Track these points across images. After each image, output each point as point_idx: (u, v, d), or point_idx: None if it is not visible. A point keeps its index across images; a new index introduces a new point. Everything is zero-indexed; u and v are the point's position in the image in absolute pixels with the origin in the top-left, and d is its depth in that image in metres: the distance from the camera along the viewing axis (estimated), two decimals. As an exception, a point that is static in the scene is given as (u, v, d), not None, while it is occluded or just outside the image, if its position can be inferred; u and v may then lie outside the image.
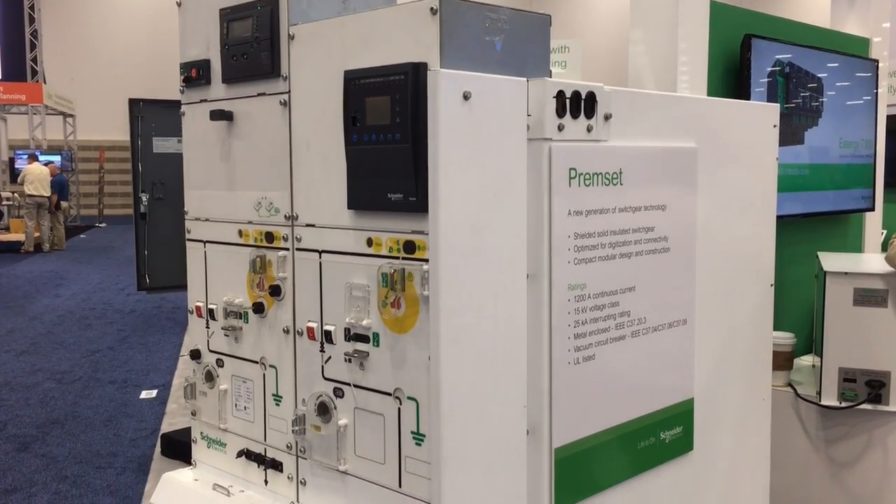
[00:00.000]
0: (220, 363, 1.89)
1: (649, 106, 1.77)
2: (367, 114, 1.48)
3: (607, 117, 1.64)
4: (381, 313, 1.53)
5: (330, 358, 1.64)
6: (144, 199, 5.04)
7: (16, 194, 17.51)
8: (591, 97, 1.60)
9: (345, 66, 1.52)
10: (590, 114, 1.60)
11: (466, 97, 1.40)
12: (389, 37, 1.48)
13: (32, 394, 6.55)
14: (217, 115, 1.79)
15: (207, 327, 1.92)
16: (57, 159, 18.60)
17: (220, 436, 1.91)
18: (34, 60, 21.01)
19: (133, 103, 4.73)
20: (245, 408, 1.84)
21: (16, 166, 18.35)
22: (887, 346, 2.40)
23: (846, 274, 2.42)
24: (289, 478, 1.75)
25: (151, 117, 4.83)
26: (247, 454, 1.83)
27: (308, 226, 1.66)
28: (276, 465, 1.77)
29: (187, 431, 2.01)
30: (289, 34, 1.66)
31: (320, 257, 1.64)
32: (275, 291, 1.72)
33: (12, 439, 5.51)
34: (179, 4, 1.89)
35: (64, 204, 17.33)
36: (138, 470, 4.92)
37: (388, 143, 1.46)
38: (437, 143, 1.37)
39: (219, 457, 1.92)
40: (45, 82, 20.53)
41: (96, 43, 23.47)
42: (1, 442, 5.46)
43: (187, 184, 1.94)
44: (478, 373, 1.46)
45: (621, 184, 1.67)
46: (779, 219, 2.21)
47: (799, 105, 2.92)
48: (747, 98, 2.74)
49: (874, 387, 2.41)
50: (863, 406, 2.43)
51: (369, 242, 1.54)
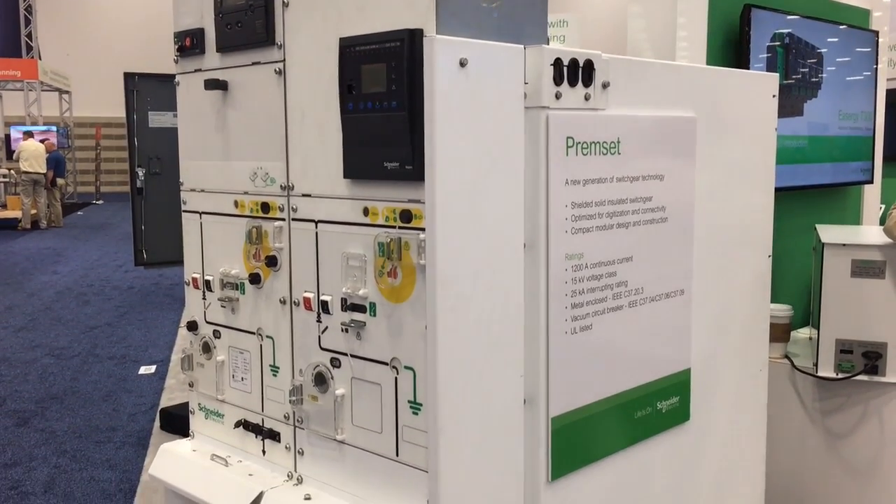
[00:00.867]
0: (216, 334, 1.89)
1: (648, 74, 1.76)
2: (363, 81, 1.47)
3: (605, 86, 1.62)
4: (378, 283, 1.52)
5: (327, 328, 1.63)
6: (141, 174, 5.01)
7: (12, 171, 17.45)
8: (589, 65, 1.58)
9: (340, 33, 1.51)
10: (587, 82, 1.58)
11: (463, 64, 1.38)
12: (385, 3, 1.46)
13: (31, 369, 6.56)
14: (211, 84, 1.78)
15: (204, 299, 1.91)
16: (52, 130, 18.49)
17: (218, 407, 1.91)
18: (29, 36, 20.86)
19: (128, 77, 4.70)
20: (242, 379, 1.84)
21: (11, 144, 18.24)
22: (884, 318, 2.40)
23: (844, 245, 2.42)
24: (286, 448, 1.75)
25: (147, 91, 4.80)
26: (244, 425, 1.84)
27: (304, 196, 1.65)
28: (274, 436, 1.77)
29: (186, 406, 2.01)
30: (283, 1, 1.64)
31: (316, 227, 1.63)
32: (271, 262, 1.72)
33: (12, 414, 5.53)
34: (173, -28, 1.87)
35: (60, 181, 17.27)
36: (138, 444, 4.95)
37: (383, 110, 1.45)
38: (434, 110, 1.36)
39: (216, 428, 1.92)
40: (40, 58, 20.38)
41: (91, 18, 23.31)
42: (0, 417, 5.48)
43: (182, 155, 1.93)
44: (474, 342, 1.46)
45: (619, 153, 1.66)
46: (777, 191, 2.20)
47: (798, 76, 2.90)
48: (747, 69, 2.72)
49: (871, 358, 2.41)
50: (859, 377, 2.44)
51: (365, 212, 1.53)
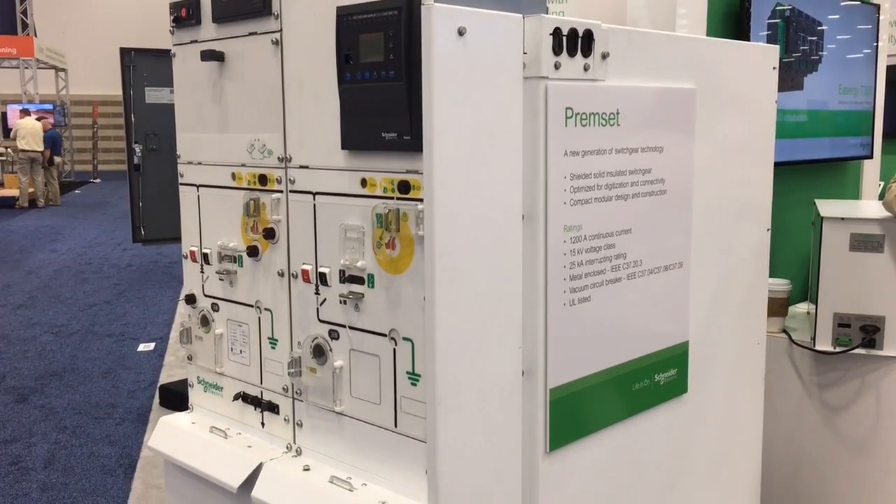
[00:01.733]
0: (215, 307, 1.89)
1: (647, 45, 1.74)
2: (361, 51, 1.46)
3: (604, 56, 1.61)
4: (376, 254, 1.52)
5: (325, 300, 1.63)
6: (138, 150, 5.01)
7: (9, 149, 17.38)
8: (588, 35, 1.57)
9: (337, 2, 1.49)
10: (587, 52, 1.57)
11: (461, 33, 1.37)
12: (382, -29, 1.45)
13: (30, 346, 6.57)
14: (208, 55, 1.76)
15: (202, 272, 1.91)
16: (49, 108, 18.39)
17: (217, 380, 1.91)
18: (24, 13, 20.69)
19: (124, 53, 4.67)
20: (241, 351, 1.84)
21: (8, 122, 18.15)
22: (882, 292, 2.40)
23: (843, 219, 2.42)
24: (285, 420, 1.75)
25: (143, 67, 4.78)
26: (243, 397, 1.84)
27: (302, 167, 1.64)
28: (273, 408, 1.78)
29: (185, 383, 2.01)
30: (280, -29, 1.62)
31: (314, 199, 1.63)
32: (269, 234, 1.71)
33: (11, 391, 5.54)
34: (168, -58, 1.85)
35: (57, 159, 17.21)
36: (137, 420, 4.97)
37: (381, 80, 1.43)
38: (432, 80, 1.35)
39: (215, 400, 1.93)
40: (35, 35, 20.23)
41: (87, -5, 23.11)
42: (0, 394, 5.50)
43: (179, 127, 1.91)
44: (473, 313, 1.46)
45: (618, 124, 1.66)
46: (776, 166, 2.19)
47: (799, 50, 2.88)
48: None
49: (868, 332, 2.41)
50: (857, 351, 2.44)
51: (363, 183, 1.53)
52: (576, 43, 1.55)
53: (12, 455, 4.50)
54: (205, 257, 1.89)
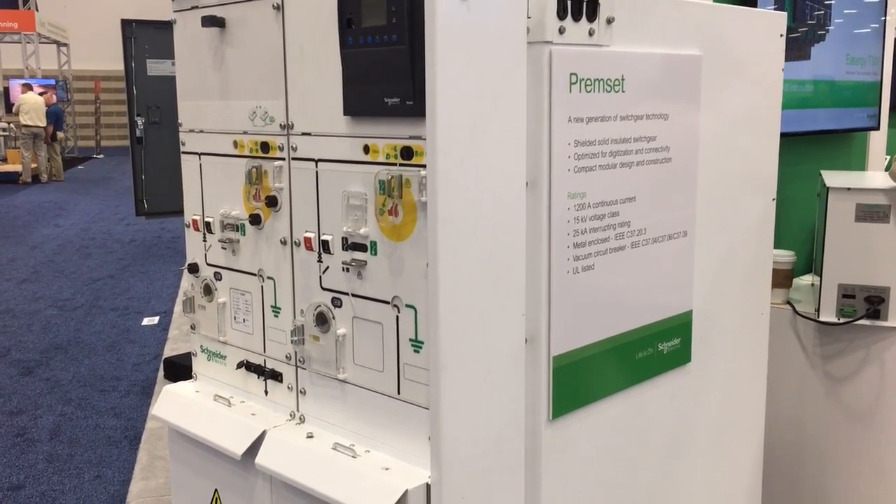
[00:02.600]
0: (217, 276, 1.89)
1: (653, 10, 1.72)
2: (363, 15, 1.44)
3: (610, 21, 1.59)
4: (379, 221, 1.51)
5: (328, 268, 1.63)
6: (140, 122, 4.99)
7: (11, 125, 17.35)
8: (594, -1, 1.55)
9: (339, -35, 1.47)
10: (592, 17, 1.55)
11: (464, -4, 1.35)
12: (385, -67, 1.43)
13: (35, 320, 6.60)
14: (208, 21, 1.74)
15: (204, 241, 1.90)
16: (51, 83, 18.32)
17: (220, 348, 1.91)
18: (25, -13, 20.56)
19: (125, 24, 4.64)
20: (244, 320, 1.84)
21: (10, 97, 18.09)
22: (888, 262, 2.39)
23: (849, 190, 2.40)
24: (288, 388, 1.76)
25: (145, 39, 4.75)
26: (246, 366, 1.84)
27: (304, 134, 1.63)
28: (276, 376, 1.78)
29: (189, 356, 2.02)
30: (281, -66, 1.60)
31: (317, 166, 1.62)
32: (271, 202, 1.70)
33: (16, 364, 5.57)
34: None
35: (60, 134, 17.19)
36: (142, 393, 4.99)
37: (384, 45, 1.42)
38: (435, 44, 1.33)
39: (219, 369, 1.93)
40: (36, 9, 20.11)
41: (88, -31, 22.94)
42: (5, 366, 5.52)
43: (180, 95, 1.90)
44: (476, 280, 1.45)
45: (623, 91, 1.64)
46: (782, 136, 2.17)
47: (806, 24, 2.85)
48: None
49: (873, 302, 2.41)
50: (861, 322, 2.44)
51: (366, 149, 1.52)
52: (580, 7, 1.53)
53: (18, 427, 4.53)
54: (207, 226, 1.88)
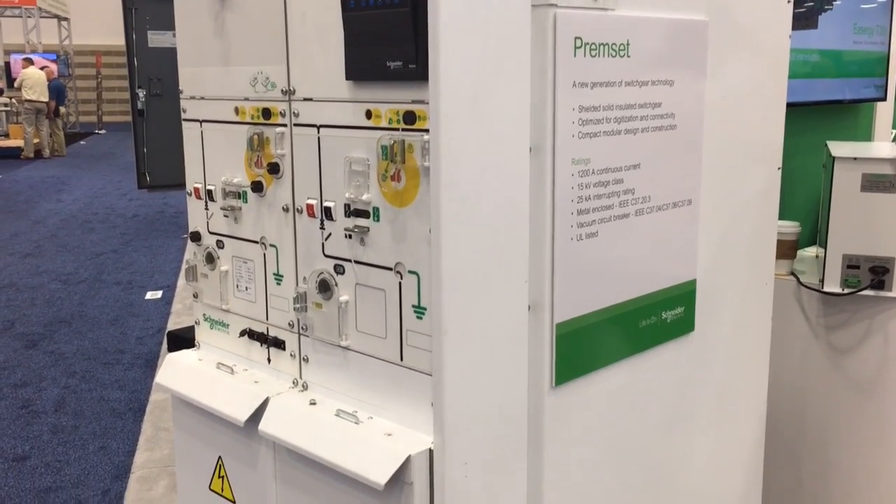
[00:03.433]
0: (220, 244, 1.88)
1: (659, -26, 1.70)
2: (365, -23, 1.42)
3: (615, -16, 1.57)
4: (381, 187, 1.50)
5: (330, 235, 1.62)
6: (141, 95, 4.97)
7: (13, 100, 17.30)
8: (599, -38, 1.53)
9: (340, -74, 1.45)
10: (597, -20, 1.53)
11: (468, -44, 1.33)
12: None
13: (38, 294, 6.62)
14: (209, -15, 1.72)
15: (206, 209, 1.90)
16: (52, 57, 18.25)
17: (223, 317, 1.91)
18: (25, -40, 20.39)
19: (126, -5, 4.60)
20: (246, 288, 1.84)
21: (11, 72, 18.02)
22: (893, 233, 2.38)
23: (855, 159, 2.38)
24: (291, 355, 1.76)
25: (145, 10, 4.72)
26: (249, 334, 1.84)
27: (306, 100, 1.62)
28: (279, 344, 1.78)
29: (193, 329, 2.02)
30: None
31: (318, 132, 1.60)
32: (273, 169, 1.69)
33: (20, 337, 5.59)
34: None
35: (62, 109, 17.14)
36: (146, 366, 5.02)
37: (386, 7, 1.40)
38: (438, 6, 1.32)
39: (222, 337, 1.93)
40: (37, -17, 19.97)
41: (88, -59, 22.75)
42: (9, 339, 5.54)
43: (181, 61, 1.88)
44: (479, 246, 1.44)
45: (628, 56, 1.62)
46: (788, 107, 2.15)
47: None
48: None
49: (877, 273, 2.40)
50: (865, 292, 2.43)
51: (368, 115, 1.50)
52: (586, -30, 1.50)
53: (23, 399, 4.55)
54: (209, 194, 1.87)
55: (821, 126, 3.03)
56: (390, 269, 1.52)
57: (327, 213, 1.61)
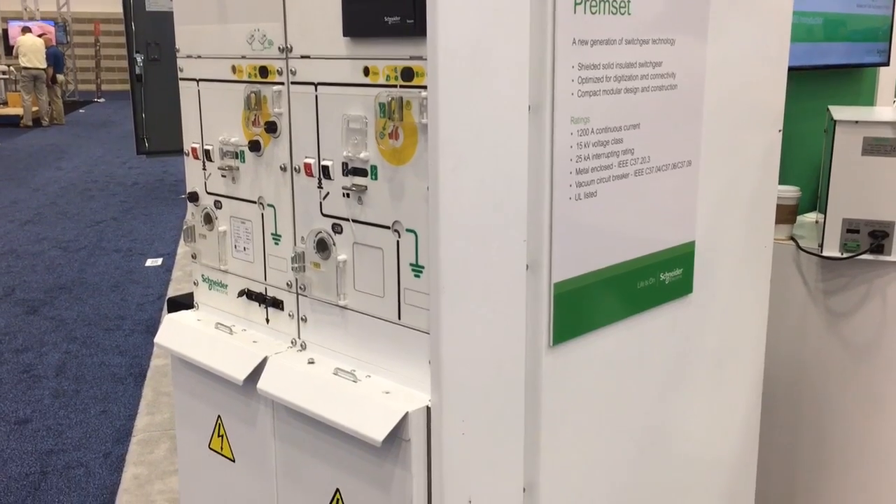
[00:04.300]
0: (217, 205, 1.88)
1: (661, -69, 1.67)
2: (362, -70, 1.40)
3: (616, -60, 1.55)
4: (379, 144, 1.49)
5: (328, 194, 1.61)
6: (139, 60, 4.93)
7: (11, 67, 17.19)
8: (600, -84, 1.51)
9: None
10: (598, -65, 1.51)
11: None
12: None
13: (39, 261, 6.62)
14: (205, -59, 1.70)
15: (204, 169, 1.89)
16: (50, 24, 18.10)
17: (221, 277, 1.91)
18: (21, -74, 20.17)
19: (123, -43, 4.55)
20: (244, 248, 1.83)
21: (9, 39, 17.88)
22: (893, 196, 2.37)
23: (856, 123, 2.37)
24: (290, 315, 1.76)
25: (143, -28, 4.67)
26: (248, 294, 1.84)
27: (303, 57, 1.60)
28: (277, 304, 1.78)
29: (193, 296, 2.02)
30: None
31: (316, 90, 1.59)
32: (271, 128, 1.68)
33: (21, 303, 5.60)
34: None
35: (60, 77, 17.03)
36: (146, 332, 5.03)
37: (384, -39, 1.38)
38: (436, -41, 1.30)
39: (220, 298, 1.93)
40: (34, -51, 19.77)
41: None
42: (10, 305, 5.56)
43: (178, 19, 1.87)
44: (477, 204, 1.44)
45: (629, 13, 1.60)
46: (789, 70, 2.13)
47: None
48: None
49: (877, 237, 2.39)
50: (864, 256, 2.43)
51: (366, 72, 1.49)
52: (586, -76, 1.48)
53: (24, 363, 4.57)
54: (206, 154, 1.86)
55: (822, 91, 3.00)
56: (388, 228, 1.52)
57: (325, 171, 1.60)
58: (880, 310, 2.47)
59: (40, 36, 16.25)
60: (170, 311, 4.72)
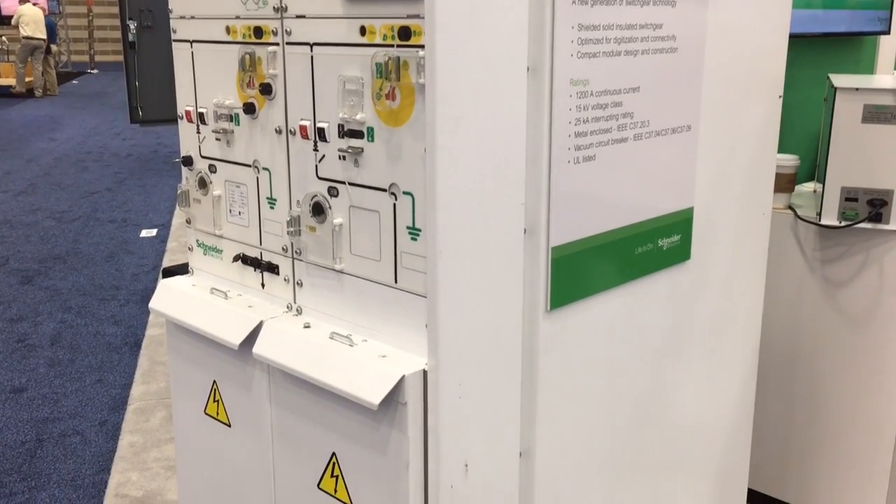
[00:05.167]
0: (212, 169, 1.86)
1: None
2: None
3: None
4: (376, 105, 1.47)
5: (324, 157, 1.60)
6: (132, 27, 4.87)
7: (4, 37, 17.01)
8: None
9: None
10: None
11: None
12: None
13: (33, 231, 6.59)
14: None
15: (198, 132, 1.87)
16: None
17: (216, 242, 1.90)
18: None
19: (115, -78, 4.47)
20: (239, 213, 1.82)
21: (1, 9, 17.68)
22: (893, 165, 2.35)
23: (857, 90, 2.35)
24: (285, 280, 1.74)
25: (135, -64, 4.59)
26: (243, 259, 1.83)
27: (298, 17, 1.58)
28: (273, 269, 1.77)
29: (188, 266, 2.00)
30: None
31: (311, 51, 1.57)
32: (265, 90, 1.66)
33: (15, 273, 5.58)
34: None
35: (54, 47, 16.87)
36: (141, 302, 5.02)
37: (380, -84, 1.36)
38: (434, -86, 1.27)
39: (215, 263, 1.92)
40: (24, -83, 19.46)
41: None
42: (4, 275, 5.54)
43: (170, -21, 1.83)
44: (475, 166, 1.42)
45: (630, -26, 1.58)
46: (789, 38, 2.10)
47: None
48: None
49: (875, 205, 2.38)
50: (862, 225, 2.42)
51: (362, 31, 1.46)
52: None
53: (19, 333, 4.56)
54: (200, 117, 1.84)
55: (822, 59, 2.98)
56: (385, 191, 1.50)
57: (321, 134, 1.58)
58: (877, 279, 2.47)
59: (34, 4, 16.07)
60: (165, 280, 4.64)
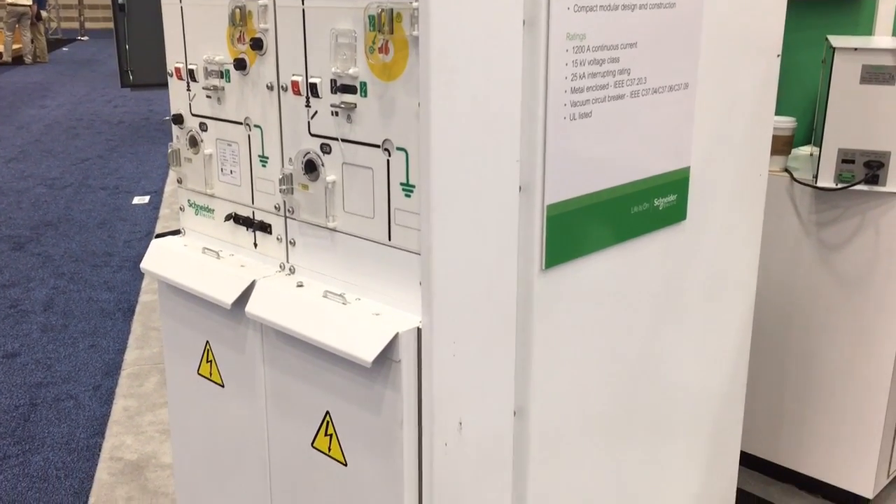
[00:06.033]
0: (203, 127, 1.83)
1: None
2: None
3: None
4: (369, 59, 1.45)
5: (316, 113, 1.57)
6: (122, -12, 4.79)
7: (-9, 4, 16.76)
8: None
9: None
10: None
11: None
12: None
13: (24, 198, 6.55)
14: None
15: (188, 90, 1.84)
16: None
17: (208, 202, 1.88)
18: None
19: None
20: (231, 171, 1.79)
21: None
22: (891, 126, 2.34)
23: (855, 50, 2.32)
24: (278, 239, 1.73)
25: None
26: (235, 218, 1.81)
27: (289, -31, 1.54)
28: (265, 228, 1.75)
29: (181, 232, 1.98)
30: None
31: (303, 4, 1.54)
32: (256, 45, 1.63)
33: (6, 239, 5.55)
34: None
35: (44, 14, 16.65)
36: (134, 268, 5.00)
37: None
38: None
39: (207, 223, 1.90)
40: None
41: None
42: (-5, 241, 5.51)
43: (158, -68, 1.79)
44: (469, 121, 1.40)
45: (628, -75, 1.55)
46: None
47: None
48: None
49: (872, 167, 2.37)
50: (858, 187, 2.41)
51: (355, -17, 1.43)
52: None
53: (11, 298, 4.54)
54: (191, 74, 1.81)
55: (820, 21, 2.95)
56: (378, 147, 1.48)
57: (313, 89, 1.55)
58: (873, 241, 2.46)
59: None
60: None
